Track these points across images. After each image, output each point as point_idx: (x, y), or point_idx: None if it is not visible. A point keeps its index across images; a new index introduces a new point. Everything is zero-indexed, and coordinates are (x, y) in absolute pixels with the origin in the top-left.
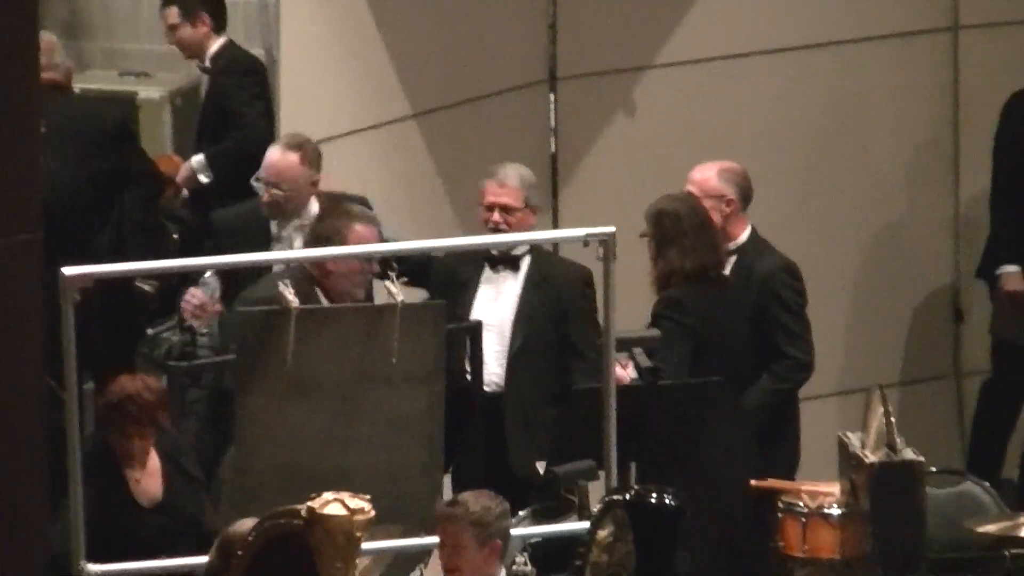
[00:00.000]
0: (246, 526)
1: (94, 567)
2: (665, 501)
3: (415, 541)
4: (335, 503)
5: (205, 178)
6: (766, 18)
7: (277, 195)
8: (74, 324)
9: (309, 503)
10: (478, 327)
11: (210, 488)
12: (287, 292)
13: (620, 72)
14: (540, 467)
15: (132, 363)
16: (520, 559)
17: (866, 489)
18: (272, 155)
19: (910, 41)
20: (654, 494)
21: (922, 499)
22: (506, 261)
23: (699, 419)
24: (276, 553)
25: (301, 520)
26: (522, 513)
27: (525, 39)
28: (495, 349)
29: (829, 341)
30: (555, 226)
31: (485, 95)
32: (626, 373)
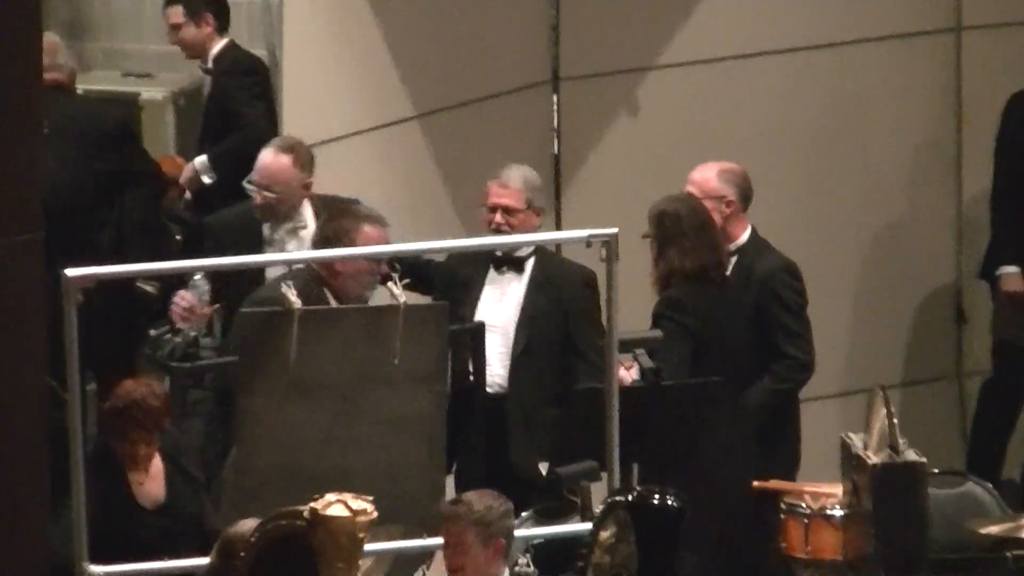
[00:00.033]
0: (246, 527)
1: (96, 568)
2: (668, 502)
3: (417, 542)
4: (338, 504)
5: (208, 179)
6: (768, 19)
7: (269, 197)
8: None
9: (312, 504)
10: (481, 328)
11: (210, 489)
12: (290, 293)
13: (623, 73)
14: (542, 468)
15: (134, 364)
16: (523, 560)
17: (868, 490)
18: (264, 157)
19: (911, 42)
20: (656, 495)
21: (924, 500)
22: (510, 262)
23: (700, 420)
24: (279, 554)
25: (304, 521)
26: (524, 514)
27: (528, 40)
28: (499, 350)
29: (831, 342)
30: (558, 227)
31: (488, 96)
32: (629, 374)
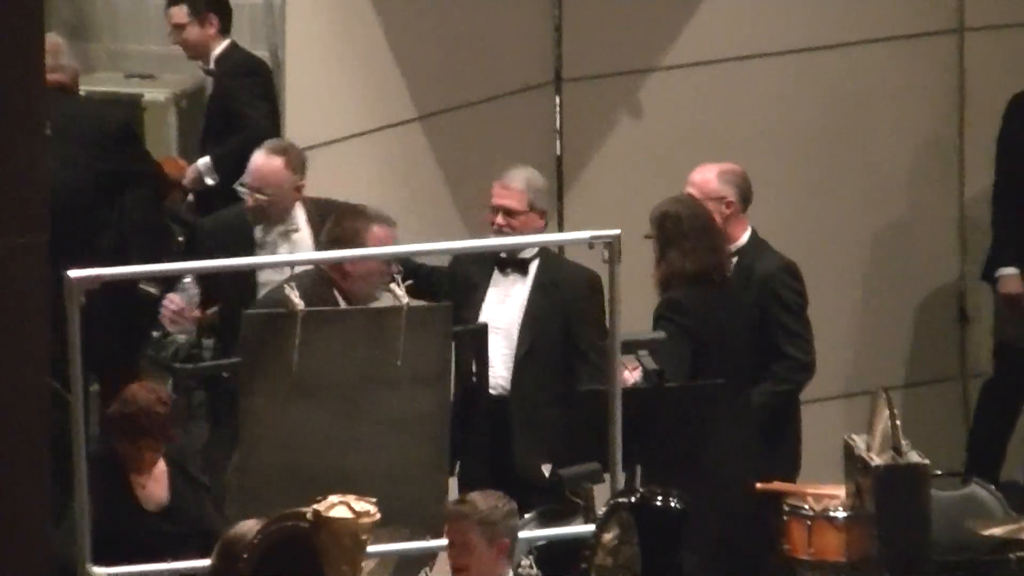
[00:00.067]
0: (247, 527)
1: (99, 570)
2: (670, 503)
3: (420, 544)
4: (341, 506)
5: (211, 180)
6: (770, 20)
7: (261, 200)
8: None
9: (315, 505)
10: (484, 330)
11: (211, 490)
12: (293, 295)
13: (625, 74)
14: (545, 470)
15: (136, 365)
16: (526, 562)
17: (871, 492)
18: (256, 160)
19: (914, 43)
20: (659, 496)
21: (927, 502)
22: (514, 264)
23: (702, 421)
24: (281, 556)
25: (307, 522)
26: (527, 516)
27: (530, 41)
28: (502, 352)
29: (833, 343)
30: (560, 228)
31: (490, 97)
32: (632, 376)
